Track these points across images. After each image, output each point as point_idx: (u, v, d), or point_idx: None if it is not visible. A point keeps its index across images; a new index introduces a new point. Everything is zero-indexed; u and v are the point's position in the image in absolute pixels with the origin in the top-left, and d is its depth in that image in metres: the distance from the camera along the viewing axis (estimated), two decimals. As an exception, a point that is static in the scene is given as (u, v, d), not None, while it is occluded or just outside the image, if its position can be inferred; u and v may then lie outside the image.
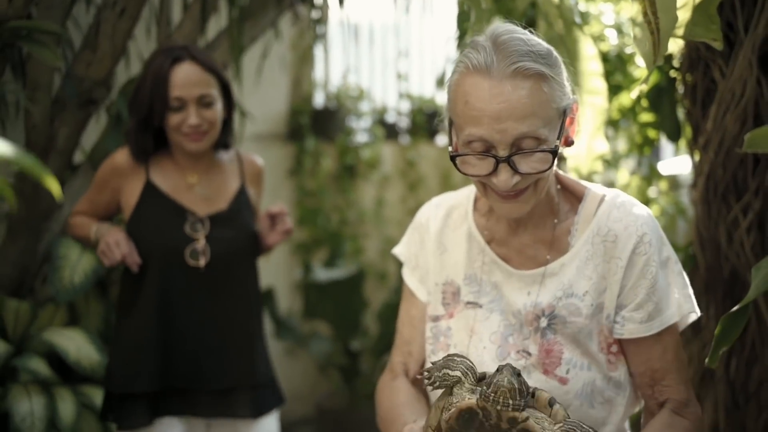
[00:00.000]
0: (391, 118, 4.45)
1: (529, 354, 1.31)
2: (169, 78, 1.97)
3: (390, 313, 3.57)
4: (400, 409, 1.38)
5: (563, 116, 1.25)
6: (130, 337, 2.09)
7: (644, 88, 1.80)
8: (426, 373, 1.19)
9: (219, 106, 2.04)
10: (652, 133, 2.05)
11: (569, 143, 1.30)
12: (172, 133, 2.02)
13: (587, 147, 1.58)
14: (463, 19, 2.12)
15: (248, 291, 2.14)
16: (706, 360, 1.22)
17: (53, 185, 0.77)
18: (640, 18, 1.19)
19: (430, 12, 4.14)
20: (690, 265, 1.99)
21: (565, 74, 1.26)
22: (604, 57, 2.35)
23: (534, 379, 1.29)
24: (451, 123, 1.29)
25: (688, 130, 1.90)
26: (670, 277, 1.32)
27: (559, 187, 1.36)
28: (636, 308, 1.30)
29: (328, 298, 3.75)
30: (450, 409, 1.09)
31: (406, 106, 4.47)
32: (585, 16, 2.44)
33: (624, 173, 3.09)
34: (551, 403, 1.11)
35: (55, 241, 2.62)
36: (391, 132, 4.35)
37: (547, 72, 1.21)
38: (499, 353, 1.32)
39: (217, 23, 2.81)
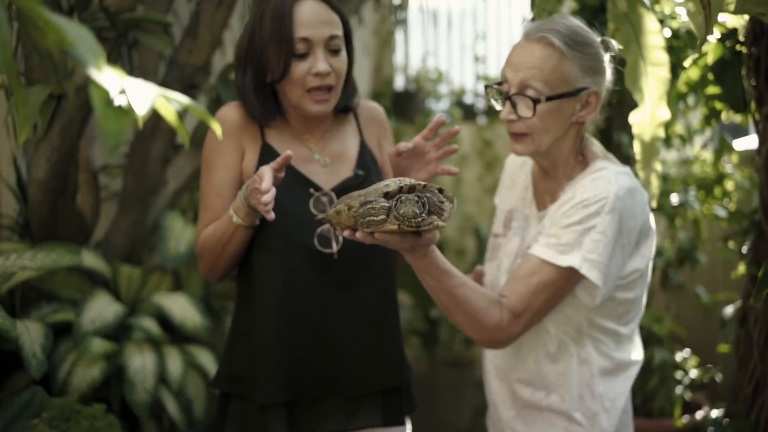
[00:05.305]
0: (468, 99, 4.58)
1: None
2: (293, 16, 1.59)
3: (468, 286, 3.69)
4: None
5: (576, 94, 1.56)
6: (250, 335, 1.70)
7: (698, 60, 1.89)
8: (353, 220, 1.38)
9: (345, 55, 1.67)
10: (718, 105, 2.13)
11: (579, 123, 1.60)
12: (293, 88, 1.63)
13: (650, 114, 1.70)
14: (536, 3, 2.25)
15: (386, 277, 1.75)
16: (751, 299, 1.34)
17: (216, 127, 0.96)
18: (693, -7, 1.29)
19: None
20: (755, 231, 2.07)
21: (589, 64, 1.57)
22: (675, 34, 2.43)
23: None
24: None
25: (753, 102, 1.98)
26: (584, 238, 1.53)
27: (580, 158, 1.65)
28: (545, 236, 1.57)
29: (409, 269, 3.89)
30: (369, 224, 1.33)
31: (483, 87, 4.58)
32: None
33: (696, 148, 3.14)
34: (440, 191, 1.35)
35: (161, 214, 2.87)
36: (468, 113, 4.48)
37: (564, 51, 1.54)
38: (508, 267, 1.69)
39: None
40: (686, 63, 1.78)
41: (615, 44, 1.63)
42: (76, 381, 2.43)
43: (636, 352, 1.70)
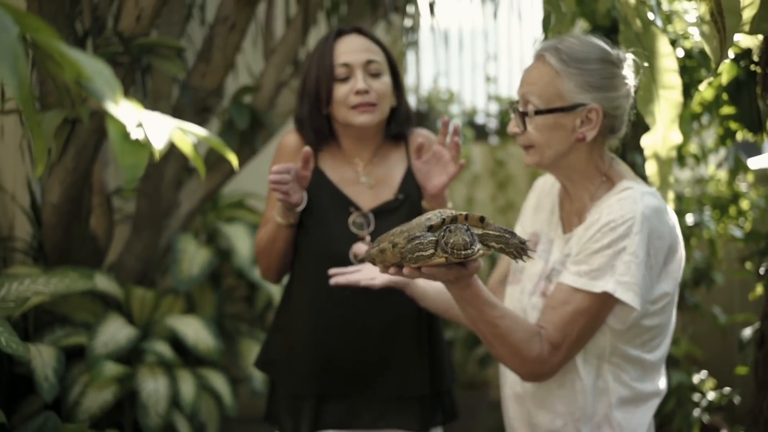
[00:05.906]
0: (480, 119, 4.58)
1: (545, 294, 1.64)
2: (334, 48, 1.84)
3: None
4: None
5: (571, 109, 1.55)
6: (285, 328, 1.91)
7: (713, 81, 1.88)
8: (399, 256, 1.37)
9: (387, 80, 1.86)
10: (733, 125, 2.12)
11: (580, 139, 1.58)
12: (339, 108, 1.83)
13: (662, 137, 1.69)
14: (547, 23, 2.25)
15: None
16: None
17: (232, 158, 0.96)
18: (707, 17, 1.29)
19: (517, 16, 4.26)
20: (773, 252, 2.05)
21: (588, 80, 1.56)
22: (689, 54, 2.42)
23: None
24: None
25: (768, 122, 1.97)
26: (616, 261, 1.51)
27: (604, 178, 1.63)
28: (575, 263, 1.55)
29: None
30: (417, 260, 1.33)
31: (494, 107, 4.58)
32: (669, 15, 2.52)
33: (711, 167, 3.12)
34: (482, 219, 1.36)
35: (174, 237, 2.88)
36: (480, 133, 4.48)
37: (559, 68, 1.56)
38: (531, 290, 1.67)
39: (317, 34, 3.01)
40: (701, 87, 1.77)
41: (641, 63, 1.59)
42: (88, 404, 2.42)
43: (660, 382, 1.66)
